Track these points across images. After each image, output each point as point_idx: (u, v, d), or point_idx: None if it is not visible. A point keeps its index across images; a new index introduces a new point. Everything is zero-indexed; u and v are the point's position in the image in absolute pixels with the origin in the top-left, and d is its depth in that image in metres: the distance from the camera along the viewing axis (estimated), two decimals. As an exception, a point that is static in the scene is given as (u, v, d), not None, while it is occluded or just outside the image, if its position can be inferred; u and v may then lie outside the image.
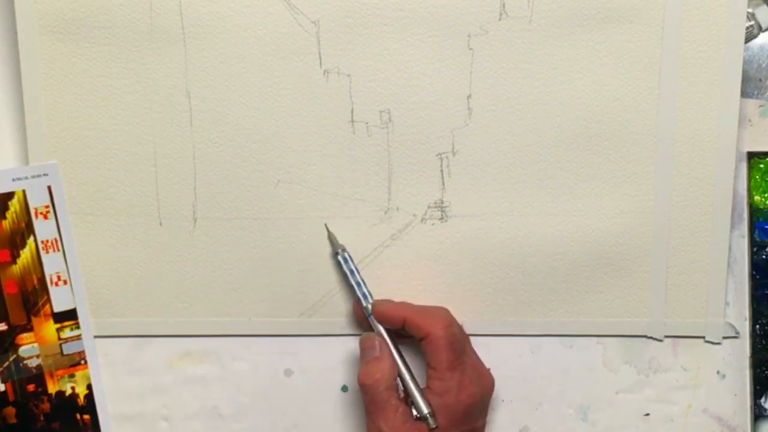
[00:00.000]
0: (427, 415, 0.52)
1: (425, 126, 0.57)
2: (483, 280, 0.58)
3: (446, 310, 0.55)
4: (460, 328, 0.55)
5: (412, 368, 0.55)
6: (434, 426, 0.52)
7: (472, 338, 0.58)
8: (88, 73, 0.56)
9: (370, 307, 0.56)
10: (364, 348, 0.55)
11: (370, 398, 0.52)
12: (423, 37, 0.56)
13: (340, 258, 0.57)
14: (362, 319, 0.56)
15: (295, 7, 0.56)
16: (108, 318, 0.59)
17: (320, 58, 0.56)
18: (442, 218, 0.58)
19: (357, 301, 0.56)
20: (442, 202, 0.58)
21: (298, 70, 0.56)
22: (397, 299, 0.58)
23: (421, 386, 0.54)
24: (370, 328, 0.56)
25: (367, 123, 0.57)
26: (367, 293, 0.56)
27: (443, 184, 0.57)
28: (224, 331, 0.59)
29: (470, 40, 0.56)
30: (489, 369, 0.56)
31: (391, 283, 0.58)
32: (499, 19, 0.56)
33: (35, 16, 0.56)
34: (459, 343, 0.53)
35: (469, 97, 0.56)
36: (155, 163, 0.57)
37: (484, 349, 0.58)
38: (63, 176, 0.57)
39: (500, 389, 0.59)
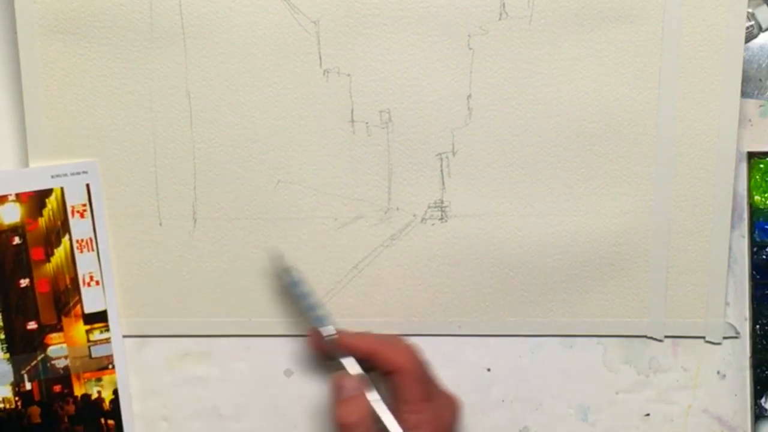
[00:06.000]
0: None
1: (425, 126, 0.57)
2: (483, 280, 0.58)
3: (405, 339, 0.54)
4: (422, 355, 0.54)
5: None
6: None
7: (472, 338, 0.58)
8: (88, 73, 0.56)
9: (331, 330, 0.54)
10: (338, 386, 0.53)
11: None
12: (423, 37, 0.56)
13: (287, 282, 0.55)
14: (318, 349, 0.55)
15: (295, 7, 0.56)
16: (108, 318, 0.59)
17: (320, 58, 0.56)
18: (442, 218, 0.58)
19: (313, 332, 0.55)
20: (442, 202, 0.58)
21: (298, 70, 0.56)
22: (397, 299, 0.58)
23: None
24: (327, 358, 0.55)
25: (367, 123, 0.57)
26: (323, 316, 0.54)
27: (443, 184, 0.57)
28: (224, 331, 0.59)
29: (470, 40, 0.56)
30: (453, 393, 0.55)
31: (391, 283, 0.58)
32: (499, 19, 0.56)
33: (35, 16, 0.56)
34: (427, 372, 0.53)
35: (469, 97, 0.56)
36: (155, 163, 0.57)
37: (484, 349, 0.59)
38: (63, 176, 0.57)
39: (500, 389, 0.59)
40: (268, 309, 0.58)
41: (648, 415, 0.59)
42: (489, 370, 0.59)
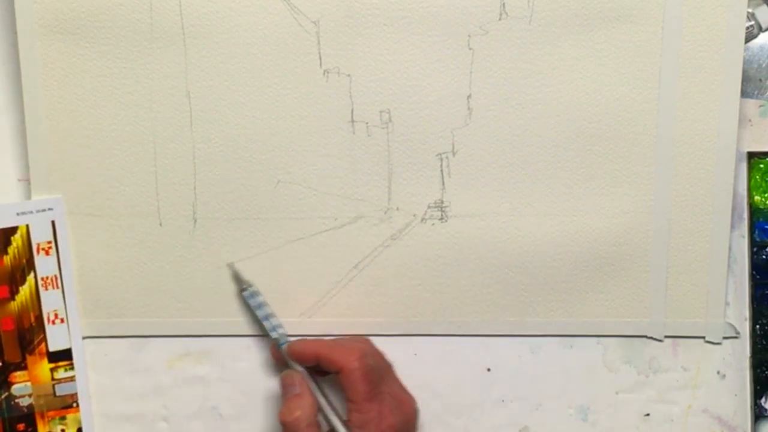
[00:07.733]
0: None
1: (425, 126, 0.57)
2: (483, 280, 0.58)
3: (365, 341, 0.55)
4: (377, 357, 0.54)
5: (335, 404, 0.54)
6: None
7: (472, 338, 0.58)
8: (88, 73, 0.56)
9: (278, 336, 0.56)
10: (285, 385, 0.54)
11: None
12: (423, 37, 0.56)
13: (245, 294, 0.57)
14: (278, 359, 0.56)
15: (295, 7, 0.56)
16: (108, 318, 0.59)
17: (320, 58, 0.56)
18: (442, 218, 0.58)
19: (272, 342, 0.56)
20: (442, 202, 0.58)
21: (298, 70, 0.56)
22: (397, 299, 0.58)
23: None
24: (285, 366, 0.56)
25: (367, 123, 0.57)
26: (277, 325, 0.56)
27: (443, 184, 0.57)
28: (224, 331, 0.59)
29: (470, 40, 0.56)
30: (412, 396, 0.55)
31: (391, 283, 0.58)
32: (499, 19, 0.56)
33: (35, 16, 0.56)
34: (375, 373, 0.53)
35: (469, 97, 0.56)
36: (155, 163, 0.57)
37: (484, 350, 0.59)
38: (63, 176, 0.57)
39: (500, 389, 0.59)
40: (268, 309, 0.58)
41: (648, 415, 0.59)
42: (489, 370, 0.59)
